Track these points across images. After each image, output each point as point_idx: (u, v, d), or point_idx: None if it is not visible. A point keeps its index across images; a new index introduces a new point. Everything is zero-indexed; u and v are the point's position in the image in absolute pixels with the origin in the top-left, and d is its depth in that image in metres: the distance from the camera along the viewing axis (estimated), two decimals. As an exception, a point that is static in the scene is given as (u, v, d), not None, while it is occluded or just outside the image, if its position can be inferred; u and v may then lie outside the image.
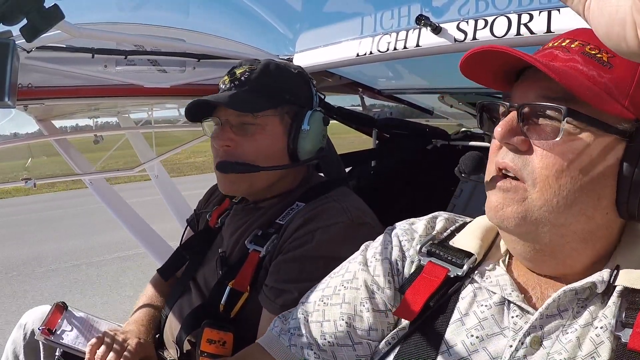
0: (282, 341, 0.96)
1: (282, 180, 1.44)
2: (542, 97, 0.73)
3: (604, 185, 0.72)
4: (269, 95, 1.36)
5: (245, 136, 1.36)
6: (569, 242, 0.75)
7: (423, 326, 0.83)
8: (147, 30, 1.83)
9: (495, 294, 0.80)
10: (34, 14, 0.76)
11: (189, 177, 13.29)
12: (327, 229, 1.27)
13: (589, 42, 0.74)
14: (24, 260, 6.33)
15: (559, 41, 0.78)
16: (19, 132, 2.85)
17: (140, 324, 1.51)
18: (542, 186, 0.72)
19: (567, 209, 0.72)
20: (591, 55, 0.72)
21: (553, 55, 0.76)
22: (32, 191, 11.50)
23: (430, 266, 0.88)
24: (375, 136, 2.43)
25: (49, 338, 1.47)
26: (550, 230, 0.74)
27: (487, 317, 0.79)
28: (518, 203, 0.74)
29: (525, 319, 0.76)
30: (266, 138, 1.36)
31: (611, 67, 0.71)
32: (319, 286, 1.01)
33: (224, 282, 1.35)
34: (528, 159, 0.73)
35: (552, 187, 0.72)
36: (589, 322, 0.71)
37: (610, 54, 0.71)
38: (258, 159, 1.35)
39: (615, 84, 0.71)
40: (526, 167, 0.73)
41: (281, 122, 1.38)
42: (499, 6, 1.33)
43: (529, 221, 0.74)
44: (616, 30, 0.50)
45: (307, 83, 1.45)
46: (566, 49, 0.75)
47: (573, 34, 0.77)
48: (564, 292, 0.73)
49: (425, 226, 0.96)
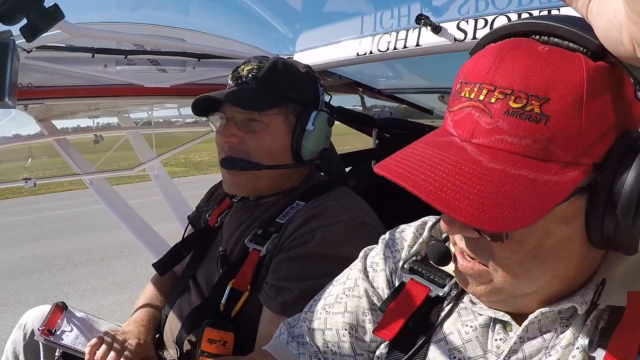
0: (291, 349, 0.94)
1: (285, 179, 1.44)
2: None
3: (573, 243, 0.66)
4: (275, 94, 1.36)
5: (249, 133, 1.36)
6: (553, 289, 0.70)
7: (402, 347, 0.81)
8: (147, 30, 1.83)
9: (482, 315, 0.77)
10: (34, 14, 0.76)
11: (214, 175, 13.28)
12: (328, 227, 1.27)
13: (512, 86, 0.59)
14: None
15: (475, 90, 0.63)
16: (19, 132, 2.85)
17: (140, 324, 1.51)
18: (504, 272, 0.67)
19: (538, 280, 0.68)
20: (519, 114, 0.58)
21: (473, 122, 0.62)
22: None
23: (412, 284, 0.86)
24: (375, 136, 2.43)
25: (49, 338, 1.47)
26: (525, 296, 0.71)
27: (471, 339, 0.77)
28: (485, 284, 0.70)
29: (508, 342, 0.73)
30: (270, 136, 1.36)
31: (548, 120, 0.58)
32: (321, 294, 0.99)
33: (224, 281, 1.35)
34: (482, 246, 0.68)
35: (515, 271, 0.67)
36: (570, 343, 0.68)
37: (543, 99, 0.58)
38: (261, 157, 1.36)
39: (560, 141, 0.58)
40: (482, 252, 0.68)
41: (285, 121, 1.38)
42: (499, 5, 1.33)
43: (501, 294, 0.71)
44: (614, 34, 0.49)
45: (314, 82, 1.45)
46: (487, 110, 0.61)
47: (489, 71, 0.62)
48: (541, 314, 0.70)
49: (413, 234, 0.94)
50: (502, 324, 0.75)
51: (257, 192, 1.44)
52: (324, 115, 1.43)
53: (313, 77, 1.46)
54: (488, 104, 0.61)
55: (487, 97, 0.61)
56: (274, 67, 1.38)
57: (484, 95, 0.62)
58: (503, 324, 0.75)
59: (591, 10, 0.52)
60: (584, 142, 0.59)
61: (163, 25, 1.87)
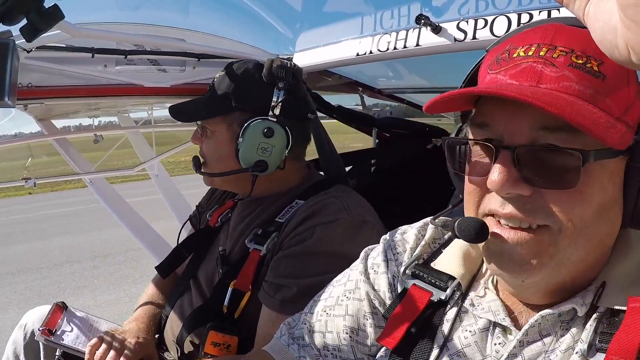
0: (292, 351, 0.94)
1: (239, 182, 1.46)
2: (539, 128, 0.64)
3: (615, 209, 0.69)
4: (219, 103, 1.42)
5: (202, 138, 1.49)
6: (578, 273, 0.70)
7: (403, 353, 0.81)
8: (147, 30, 1.83)
9: (481, 319, 0.77)
10: (34, 14, 0.76)
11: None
12: (327, 225, 1.27)
13: (572, 47, 0.65)
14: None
15: (533, 49, 0.66)
16: (19, 132, 2.85)
17: (140, 322, 1.52)
18: (562, 230, 0.65)
19: (587, 244, 0.67)
20: (581, 67, 0.64)
21: (536, 72, 0.65)
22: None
23: (414, 290, 0.85)
24: (375, 136, 2.43)
25: (49, 338, 1.47)
26: (566, 270, 0.69)
27: (470, 344, 0.76)
28: (541, 254, 0.66)
29: (507, 346, 0.73)
30: (214, 143, 1.46)
31: (604, 79, 0.64)
32: (322, 295, 0.99)
33: (225, 282, 1.34)
34: (538, 204, 0.65)
35: (571, 228, 0.65)
36: (570, 346, 0.68)
37: (599, 60, 0.64)
38: (210, 160, 1.48)
39: (613, 99, 0.64)
40: (538, 212, 0.65)
41: (229, 129, 1.42)
42: (499, 6, 1.33)
43: (550, 268, 0.67)
44: (609, 37, 0.49)
45: (268, 87, 1.39)
46: (550, 62, 0.65)
47: (544, 36, 0.67)
48: (542, 317, 0.70)
49: (415, 236, 0.93)
50: (501, 328, 0.75)
51: (216, 187, 1.61)
52: (258, 125, 1.37)
53: (271, 82, 1.39)
54: (551, 58, 0.65)
55: (549, 54, 0.65)
56: (226, 75, 1.43)
57: (544, 52, 0.65)
58: (502, 328, 0.75)
59: (587, 13, 0.52)
60: (628, 102, 0.65)
61: (163, 25, 1.87)
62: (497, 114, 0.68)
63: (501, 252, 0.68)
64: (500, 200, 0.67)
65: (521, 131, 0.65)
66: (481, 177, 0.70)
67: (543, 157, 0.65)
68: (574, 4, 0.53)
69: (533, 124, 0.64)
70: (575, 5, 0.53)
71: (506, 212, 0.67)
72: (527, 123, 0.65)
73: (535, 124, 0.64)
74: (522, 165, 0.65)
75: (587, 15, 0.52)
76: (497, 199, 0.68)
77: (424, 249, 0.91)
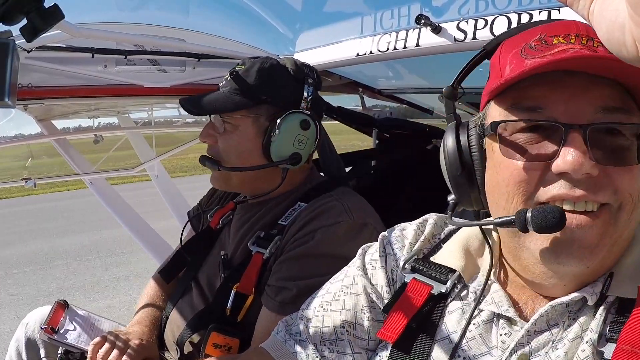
0: (288, 347, 0.94)
1: (261, 180, 1.44)
2: (603, 109, 0.65)
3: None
4: (245, 96, 1.38)
5: (221, 134, 1.42)
6: (611, 256, 0.70)
7: (404, 347, 0.80)
8: (147, 30, 1.83)
9: (484, 311, 0.77)
10: (34, 14, 0.76)
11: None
12: (328, 228, 1.27)
13: (591, 35, 0.66)
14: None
15: (573, 37, 0.66)
16: (19, 132, 2.86)
17: (143, 325, 1.51)
18: (628, 209, 0.66)
19: (637, 220, 0.69)
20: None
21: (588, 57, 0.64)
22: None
23: (414, 284, 0.85)
24: (375, 136, 2.43)
25: (52, 337, 1.48)
26: (613, 250, 0.69)
27: (474, 337, 0.76)
28: (610, 235, 0.67)
29: (513, 336, 0.72)
30: (237, 138, 1.40)
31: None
32: (319, 292, 0.99)
33: (227, 284, 1.34)
34: (607, 184, 0.65)
35: (633, 203, 0.67)
36: (578, 335, 0.68)
37: None
38: (229, 157, 1.41)
39: None
40: (608, 193, 0.65)
41: (255, 123, 1.39)
42: (499, 6, 1.33)
43: (607, 248, 0.67)
44: (616, 35, 0.49)
45: (299, 83, 1.41)
46: (594, 50, 0.64)
47: (579, 28, 0.68)
48: (551, 307, 0.70)
49: (415, 231, 0.93)
50: (506, 319, 0.75)
51: (230, 188, 1.53)
52: (297, 117, 1.38)
53: (300, 77, 1.41)
54: (592, 47, 0.64)
55: (589, 43, 0.65)
56: (251, 69, 1.39)
57: (584, 41, 0.65)
58: (507, 319, 0.75)
59: (592, 12, 0.52)
60: None
61: (163, 25, 1.87)
62: (554, 96, 0.66)
63: (571, 239, 0.66)
64: (569, 184, 0.65)
65: (584, 112, 0.65)
66: (541, 161, 0.67)
67: (603, 137, 0.65)
68: (578, 4, 0.53)
69: (596, 104, 0.65)
70: (580, 5, 0.53)
71: (579, 195, 0.65)
72: (590, 103, 0.65)
73: (599, 104, 0.65)
74: (592, 145, 0.64)
75: (592, 14, 0.52)
76: (565, 183, 0.65)
77: (424, 243, 0.91)
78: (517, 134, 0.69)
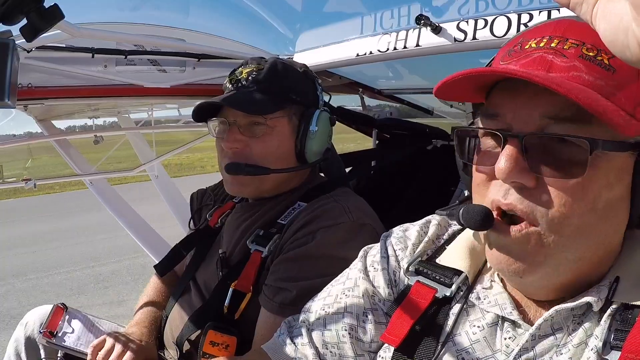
0: (290, 350, 0.93)
1: (288, 180, 1.43)
2: (548, 117, 0.64)
3: (621, 208, 0.67)
4: (277, 96, 1.35)
5: (253, 137, 1.34)
6: (581, 271, 0.69)
7: (408, 351, 0.80)
8: (147, 30, 1.83)
9: (489, 313, 0.76)
10: (34, 14, 0.76)
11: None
12: (328, 229, 1.26)
13: (583, 40, 0.65)
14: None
15: (544, 40, 0.67)
16: (19, 132, 2.86)
17: (142, 326, 1.51)
18: (560, 228, 0.64)
19: (586, 242, 0.66)
20: (592, 59, 0.64)
21: (547, 61, 0.65)
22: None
23: (418, 286, 0.84)
24: (375, 136, 2.43)
25: (51, 341, 1.48)
26: (566, 268, 0.68)
27: (479, 339, 0.75)
28: (535, 253, 0.66)
29: (517, 340, 0.72)
30: (275, 139, 1.35)
31: (614, 72, 0.63)
32: (321, 294, 0.98)
33: (225, 283, 1.34)
34: (539, 198, 0.65)
35: (571, 226, 0.64)
36: (582, 341, 0.67)
37: (610, 54, 0.63)
38: (267, 161, 1.34)
39: (623, 93, 0.63)
40: (537, 207, 0.65)
41: (289, 123, 1.37)
42: (499, 6, 1.33)
43: (547, 266, 0.67)
44: (620, 38, 0.49)
45: (312, 82, 1.45)
46: (561, 53, 0.65)
47: (556, 29, 0.68)
48: (556, 312, 0.69)
49: (418, 232, 0.92)
50: (510, 322, 0.74)
51: (260, 194, 1.44)
52: (326, 114, 1.43)
53: (311, 77, 1.45)
54: (562, 49, 0.65)
55: (560, 45, 0.66)
56: (273, 69, 1.37)
57: (555, 43, 0.66)
58: (512, 322, 0.74)
59: (596, 15, 0.52)
60: (639, 97, 0.64)
61: (163, 25, 1.88)
62: (508, 104, 0.68)
63: (500, 246, 0.69)
64: (504, 190, 0.67)
65: (530, 120, 0.65)
66: (489, 167, 0.69)
67: (550, 146, 0.64)
68: (581, 7, 0.53)
69: (542, 113, 0.64)
70: (583, 8, 0.53)
71: (508, 202, 0.66)
72: (536, 112, 0.65)
73: (545, 113, 0.64)
74: (530, 154, 0.64)
75: (595, 17, 0.52)
76: (501, 188, 0.67)
77: (427, 245, 0.90)
78: (483, 138, 0.72)
